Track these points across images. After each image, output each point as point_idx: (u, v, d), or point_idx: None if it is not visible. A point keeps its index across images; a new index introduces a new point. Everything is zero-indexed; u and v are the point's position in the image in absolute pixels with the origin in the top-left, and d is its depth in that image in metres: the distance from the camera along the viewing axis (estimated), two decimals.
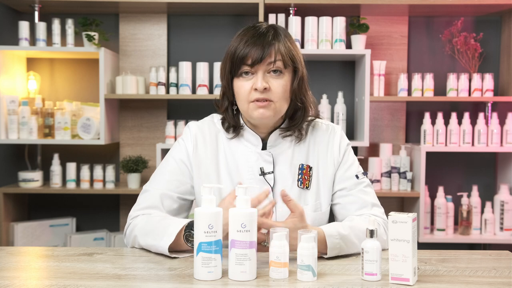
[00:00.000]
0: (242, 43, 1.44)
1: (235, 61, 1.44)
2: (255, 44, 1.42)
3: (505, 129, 3.01)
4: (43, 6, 3.08)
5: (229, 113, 1.52)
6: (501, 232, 3.04)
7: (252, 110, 1.45)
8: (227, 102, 1.52)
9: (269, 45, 1.43)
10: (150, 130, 3.26)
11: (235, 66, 1.44)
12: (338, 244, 1.35)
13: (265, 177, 1.51)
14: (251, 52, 1.42)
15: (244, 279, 1.17)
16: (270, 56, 1.42)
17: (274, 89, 1.43)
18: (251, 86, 1.43)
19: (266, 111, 1.44)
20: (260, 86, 1.41)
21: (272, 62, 1.43)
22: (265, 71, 1.43)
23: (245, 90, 1.44)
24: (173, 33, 3.27)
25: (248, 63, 1.42)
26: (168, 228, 1.36)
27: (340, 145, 1.56)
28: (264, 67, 1.43)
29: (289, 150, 1.54)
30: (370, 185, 1.57)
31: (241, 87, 1.45)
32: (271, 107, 1.44)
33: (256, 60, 1.41)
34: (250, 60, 1.42)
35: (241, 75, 1.45)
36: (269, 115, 1.45)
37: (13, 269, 1.27)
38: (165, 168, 1.56)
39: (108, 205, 3.30)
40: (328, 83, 3.24)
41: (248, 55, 1.42)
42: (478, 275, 1.23)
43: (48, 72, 3.27)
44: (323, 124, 1.59)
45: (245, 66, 1.43)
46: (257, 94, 1.43)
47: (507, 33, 3.12)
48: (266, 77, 1.44)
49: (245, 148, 1.54)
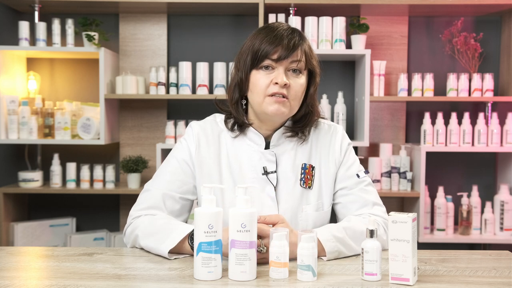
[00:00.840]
0: (268, 38, 1.44)
1: (259, 54, 1.44)
2: (282, 41, 1.43)
3: (505, 129, 3.01)
4: (43, 6, 3.08)
5: (238, 107, 1.52)
6: (501, 232, 3.04)
7: (267, 104, 1.45)
8: (238, 95, 1.51)
9: (297, 44, 1.45)
10: (150, 130, 3.26)
11: (259, 59, 1.44)
12: (336, 247, 1.35)
13: (268, 176, 1.51)
14: (278, 47, 1.43)
15: (244, 279, 1.17)
16: (296, 55, 1.44)
17: (293, 86, 1.44)
18: (271, 80, 1.44)
19: (281, 107, 1.44)
20: (281, 81, 1.42)
21: (296, 61, 1.44)
22: (286, 69, 1.45)
23: (263, 83, 1.44)
24: (173, 33, 3.27)
25: (274, 58, 1.43)
26: (172, 233, 1.36)
27: (342, 145, 1.57)
28: (287, 64, 1.44)
29: (292, 149, 1.54)
30: (371, 184, 1.57)
31: (259, 79, 1.45)
32: (287, 104, 1.45)
33: (283, 56, 1.43)
34: (276, 55, 1.43)
35: (261, 68, 1.45)
36: (283, 112, 1.45)
37: (13, 269, 1.27)
38: (167, 168, 1.55)
39: (108, 205, 3.30)
40: (328, 83, 3.24)
41: (274, 50, 1.43)
42: (478, 275, 1.23)
43: (48, 72, 3.27)
44: (325, 124, 1.59)
45: (268, 60, 1.44)
46: (276, 88, 1.43)
47: (507, 33, 3.12)
48: (286, 74, 1.45)
49: (248, 147, 1.53)
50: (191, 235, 1.35)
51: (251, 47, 1.46)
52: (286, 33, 1.45)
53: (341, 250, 1.36)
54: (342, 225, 1.42)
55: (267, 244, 1.26)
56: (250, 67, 1.46)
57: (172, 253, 1.35)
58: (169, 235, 1.35)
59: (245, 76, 1.47)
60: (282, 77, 1.42)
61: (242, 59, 1.48)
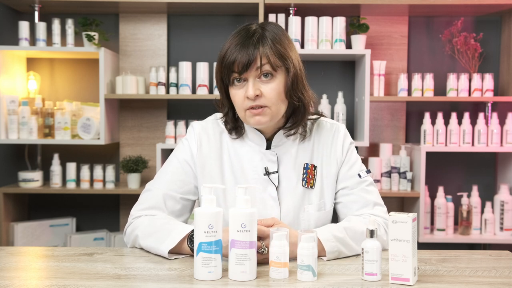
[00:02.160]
0: (229, 49, 1.40)
1: (224, 69, 1.41)
2: (241, 50, 1.38)
3: (505, 129, 3.01)
4: (43, 6, 3.08)
5: (230, 117, 1.51)
6: (501, 232, 3.04)
7: (248, 117, 1.43)
8: (227, 108, 1.51)
9: (254, 49, 1.38)
10: (150, 130, 3.26)
11: (225, 74, 1.42)
12: (336, 247, 1.35)
13: (269, 176, 1.51)
14: (237, 58, 1.38)
15: (244, 279, 1.17)
16: (256, 61, 1.38)
17: (266, 94, 1.40)
18: (244, 94, 1.41)
19: (261, 117, 1.42)
20: (251, 94, 1.38)
21: (259, 67, 1.39)
22: (256, 77, 1.40)
23: (239, 98, 1.42)
24: (173, 33, 3.27)
25: (236, 71, 1.40)
26: (171, 233, 1.36)
27: (344, 144, 1.56)
28: (253, 72, 1.39)
29: (293, 149, 1.53)
30: (373, 184, 1.56)
31: (235, 96, 1.43)
32: (267, 112, 1.42)
33: (243, 67, 1.38)
34: (237, 68, 1.39)
35: (234, 83, 1.42)
36: (265, 121, 1.43)
37: (13, 269, 1.27)
38: (168, 168, 1.55)
39: (108, 205, 3.30)
40: (328, 83, 3.24)
41: (235, 62, 1.39)
42: (478, 275, 1.23)
43: (48, 72, 3.27)
44: (327, 123, 1.58)
45: (234, 73, 1.41)
46: (250, 102, 1.40)
47: (507, 33, 3.12)
48: (257, 83, 1.40)
49: (249, 148, 1.53)
50: (190, 236, 1.34)
51: (218, 63, 1.44)
52: (244, 39, 1.40)
53: (341, 250, 1.36)
54: (343, 225, 1.41)
55: (268, 245, 1.26)
56: (223, 86, 1.46)
57: (172, 253, 1.35)
58: (168, 235, 1.35)
59: (223, 95, 1.48)
60: (251, 89, 1.38)
61: (217, 78, 1.46)
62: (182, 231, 1.35)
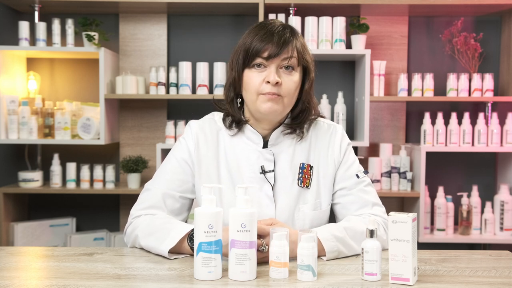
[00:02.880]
0: (259, 36, 1.44)
1: (250, 53, 1.44)
2: (273, 38, 1.43)
3: (505, 129, 3.01)
4: (43, 6, 3.08)
5: (234, 105, 1.53)
6: (501, 232, 3.03)
7: (260, 102, 1.45)
8: (233, 94, 1.52)
9: (287, 41, 1.44)
10: (150, 130, 3.26)
11: (250, 57, 1.44)
12: (336, 247, 1.35)
13: (265, 175, 1.51)
14: (268, 45, 1.42)
15: (244, 279, 1.17)
16: (288, 51, 1.43)
17: (285, 84, 1.44)
18: (263, 79, 1.43)
19: (274, 104, 1.44)
20: (273, 80, 1.41)
21: (287, 58, 1.43)
22: (278, 66, 1.44)
23: (255, 82, 1.44)
24: (173, 33, 3.27)
25: (264, 56, 1.43)
26: (171, 232, 1.36)
27: (341, 145, 1.57)
28: (279, 62, 1.43)
29: (290, 148, 1.54)
30: (371, 184, 1.57)
31: (251, 78, 1.45)
32: (280, 101, 1.45)
33: (273, 53, 1.42)
34: (266, 53, 1.42)
35: (254, 67, 1.45)
36: (277, 109, 1.45)
37: (13, 269, 1.27)
38: (167, 167, 1.56)
39: (108, 205, 3.30)
40: (328, 83, 3.24)
41: (264, 48, 1.42)
42: (478, 275, 1.23)
43: (48, 72, 3.27)
44: (324, 123, 1.59)
45: (259, 59, 1.43)
46: (268, 87, 1.43)
47: (507, 33, 3.12)
48: (279, 72, 1.44)
49: (246, 146, 1.54)
50: (190, 235, 1.35)
51: (243, 45, 1.46)
52: (276, 29, 1.45)
53: (341, 250, 1.36)
54: (343, 225, 1.42)
55: (268, 243, 1.26)
56: (242, 66, 1.47)
57: (172, 252, 1.35)
58: (168, 235, 1.35)
59: (238, 75, 1.48)
60: (274, 75, 1.42)
61: (235, 58, 1.49)
62: (182, 230, 1.35)
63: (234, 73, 1.49)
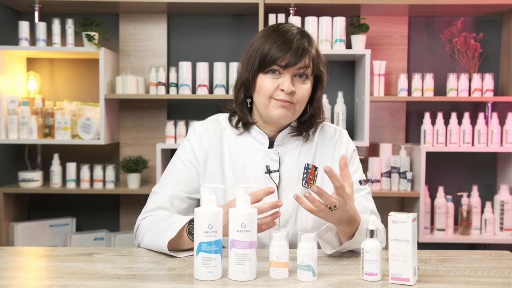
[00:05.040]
0: (278, 44, 1.44)
1: (268, 59, 1.44)
2: (291, 48, 1.43)
3: (505, 129, 3.01)
4: (43, 6, 3.08)
5: (243, 107, 1.54)
6: (501, 232, 3.03)
7: (272, 107, 1.46)
8: (243, 95, 1.53)
9: (305, 51, 1.45)
10: (150, 130, 3.26)
11: (267, 63, 1.45)
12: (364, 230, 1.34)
13: (270, 175, 1.52)
14: (287, 54, 1.43)
15: (244, 279, 1.17)
16: (304, 62, 1.45)
17: (298, 92, 1.46)
18: (277, 86, 1.45)
19: (286, 111, 1.46)
20: (288, 89, 1.43)
21: (303, 68, 1.45)
22: (293, 74, 1.46)
23: (269, 87, 1.45)
24: (173, 33, 3.27)
25: (282, 65, 1.44)
26: (172, 225, 1.37)
27: (348, 149, 1.59)
28: (294, 70, 1.45)
29: (296, 149, 1.56)
30: (370, 194, 1.59)
31: (266, 83, 1.46)
32: (292, 108, 1.47)
33: (291, 63, 1.43)
34: (284, 62, 1.43)
35: (269, 72, 1.46)
36: (287, 115, 1.47)
37: (13, 269, 1.27)
38: (172, 170, 1.57)
39: (108, 205, 3.30)
40: (328, 83, 3.20)
41: (283, 57, 1.43)
42: (478, 275, 1.23)
43: (48, 72, 3.27)
44: (331, 127, 1.62)
45: (276, 66, 1.45)
46: (282, 94, 1.44)
47: (507, 33, 3.12)
48: (293, 80, 1.46)
49: (252, 145, 1.55)
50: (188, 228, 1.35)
51: (260, 50, 1.46)
52: (295, 38, 1.45)
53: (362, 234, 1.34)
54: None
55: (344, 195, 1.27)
56: (257, 70, 1.47)
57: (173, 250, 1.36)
58: (169, 228, 1.37)
59: (251, 78, 1.48)
60: (289, 84, 1.44)
61: (250, 61, 1.49)
62: (182, 222, 1.36)
63: (247, 75, 1.49)
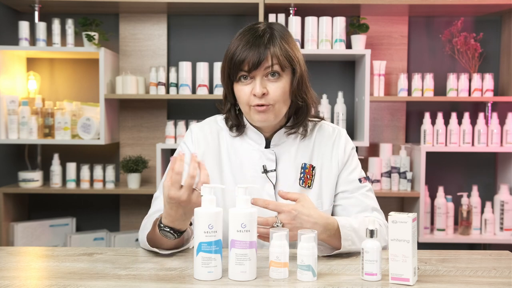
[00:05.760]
0: (239, 47, 1.43)
1: (232, 67, 1.44)
2: (251, 49, 1.41)
3: (505, 129, 3.01)
4: (43, 6, 3.08)
5: (232, 113, 1.54)
6: (501, 232, 3.03)
7: (253, 114, 1.46)
8: (229, 104, 1.54)
9: (265, 49, 1.41)
10: (150, 130, 3.26)
11: (233, 71, 1.44)
12: (350, 236, 1.36)
13: (267, 174, 1.52)
14: (247, 57, 1.41)
15: (244, 279, 1.17)
16: (267, 60, 1.42)
17: (272, 93, 1.43)
18: (251, 91, 1.44)
19: (265, 115, 1.45)
20: (258, 92, 1.42)
21: (269, 67, 1.42)
22: (263, 75, 1.44)
23: (244, 94, 1.45)
24: (173, 33, 3.27)
25: (245, 69, 1.43)
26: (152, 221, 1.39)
27: (346, 148, 1.58)
28: (262, 71, 1.43)
29: (293, 148, 1.55)
30: (371, 190, 1.58)
31: (240, 91, 1.45)
32: (270, 110, 1.45)
33: (253, 65, 1.41)
34: (247, 66, 1.42)
35: (240, 80, 1.45)
36: (268, 118, 1.46)
37: (13, 269, 1.27)
38: None
39: (108, 205, 3.30)
40: (328, 83, 3.24)
41: (245, 61, 1.41)
42: (478, 275, 1.23)
43: (48, 72, 3.27)
44: (329, 127, 1.61)
45: (242, 72, 1.44)
46: (256, 99, 1.43)
47: (507, 33, 3.12)
48: (264, 81, 1.43)
49: (249, 146, 1.55)
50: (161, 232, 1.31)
51: (228, 58, 1.46)
52: (254, 38, 1.43)
53: (354, 241, 1.36)
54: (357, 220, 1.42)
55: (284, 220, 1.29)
56: (229, 81, 1.48)
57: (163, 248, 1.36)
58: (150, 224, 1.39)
59: (228, 90, 1.50)
60: (259, 87, 1.42)
61: (222, 72, 1.50)
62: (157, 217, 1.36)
63: (224, 87, 1.51)
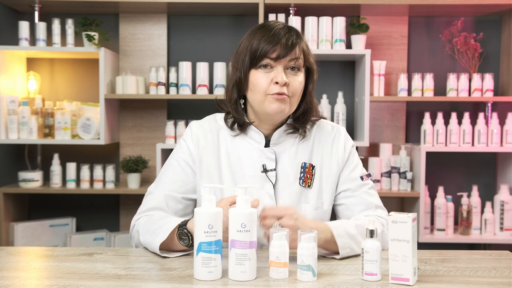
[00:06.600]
0: (266, 37, 1.44)
1: (258, 53, 1.44)
2: (280, 40, 1.43)
3: (505, 129, 3.01)
4: (43, 6, 3.08)
5: (238, 107, 1.52)
6: (501, 232, 3.03)
7: (269, 102, 1.45)
8: (237, 95, 1.52)
9: (295, 42, 1.45)
10: (150, 130, 3.26)
11: (257, 58, 1.44)
12: (347, 243, 1.36)
13: (267, 174, 1.51)
14: (276, 46, 1.43)
15: (244, 279, 1.17)
16: (295, 53, 1.45)
17: (292, 84, 1.45)
18: (271, 79, 1.44)
19: (282, 104, 1.45)
20: (281, 80, 1.43)
21: (294, 59, 1.45)
22: (285, 67, 1.45)
23: (263, 82, 1.45)
24: (173, 33, 3.27)
25: (272, 57, 1.44)
26: (163, 227, 1.37)
27: (345, 146, 1.58)
28: (286, 62, 1.45)
29: (292, 147, 1.55)
30: (373, 187, 1.58)
31: (259, 79, 1.45)
32: (287, 101, 1.46)
33: (282, 54, 1.43)
34: (275, 54, 1.43)
35: (260, 67, 1.46)
36: (284, 109, 1.46)
37: (13, 269, 1.27)
38: (168, 170, 1.57)
39: (108, 205, 3.30)
40: (328, 83, 3.24)
41: (273, 49, 1.43)
42: (478, 275, 1.23)
43: (48, 72, 3.27)
44: (328, 125, 1.61)
45: (267, 59, 1.44)
46: (277, 88, 1.44)
47: (507, 33, 3.12)
48: (285, 73, 1.45)
49: (248, 145, 1.54)
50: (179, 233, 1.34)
51: (249, 46, 1.46)
52: (283, 31, 1.46)
53: (352, 248, 1.37)
54: (354, 223, 1.42)
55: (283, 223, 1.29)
56: (248, 67, 1.47)
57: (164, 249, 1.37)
58: (161, 229, 1.37)
59: (244, 76, 1.48)
60: (282, 76, 1.43)
61: (240, 59, 1.48)
62: (174, 224, 1.36)
63: (239, 73, 1.49)
